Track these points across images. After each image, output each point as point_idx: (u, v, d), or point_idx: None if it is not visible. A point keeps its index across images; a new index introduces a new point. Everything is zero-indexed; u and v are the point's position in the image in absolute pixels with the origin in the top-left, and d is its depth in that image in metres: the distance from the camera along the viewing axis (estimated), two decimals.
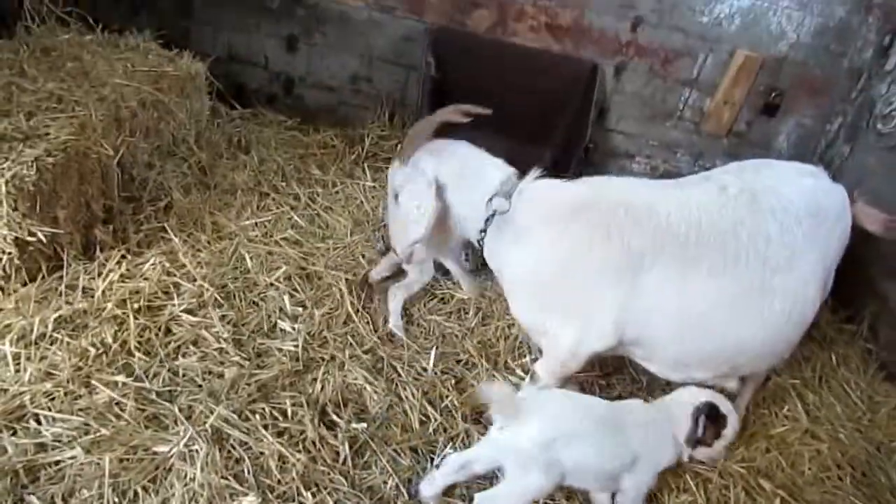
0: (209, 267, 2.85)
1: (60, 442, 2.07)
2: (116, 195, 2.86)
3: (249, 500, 2.03)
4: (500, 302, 3.14)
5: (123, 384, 2.27)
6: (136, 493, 1.99)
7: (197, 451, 2.10)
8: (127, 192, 2.96)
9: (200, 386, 2.36)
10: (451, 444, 2.43)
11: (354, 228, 3.36)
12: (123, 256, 2.75)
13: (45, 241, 2.46)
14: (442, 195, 2.46)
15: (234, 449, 2.17)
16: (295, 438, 2.28)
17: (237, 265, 2.92)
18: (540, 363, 2.50)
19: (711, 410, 2.28)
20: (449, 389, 2.64)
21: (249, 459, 2.15)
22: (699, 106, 4.17)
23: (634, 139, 4.33)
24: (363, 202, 3.59)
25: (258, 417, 2.29)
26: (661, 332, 2.34)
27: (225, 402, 2.30)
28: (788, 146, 4.22)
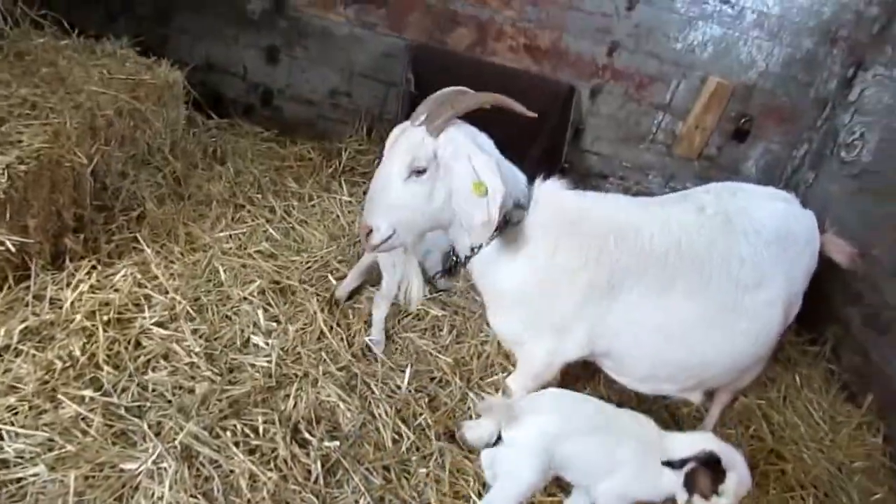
0: (182, 279, 2.81)
1: (23, 458, 2.01)
2: (88, 204, 2.81)
3: None
4: (474, 320, 3.16)
5: (91, 399, 2.22)
6: None
7: (165, 468, 2.06)
8: (99, 200, 2.91)
9: (170, 401, 2.32)
10: (423, 462, 2.42)
11: (330, 242, 3.34)
12: (94, 267, 2.70)
13: (13, 249, 2.40)
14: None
15: (203, 467, 2.14)
16: (266, 456, 2.25)
17: (210, 278, 2.89)
18: (513, 377, 2.53)
19: (710, 460, 2.16)
20: (422, 407, 2.64)
21: (219, 478, 2.11)
22: (671, 129, 4.26)
23: (608, 160, 4.40)
24: (339, 216, 3.58)
25: (229, 434, 2.25)
26: (632, 346, 2.40)
27: (195, 418, 2.26)
28: (756, 171, 4.33)
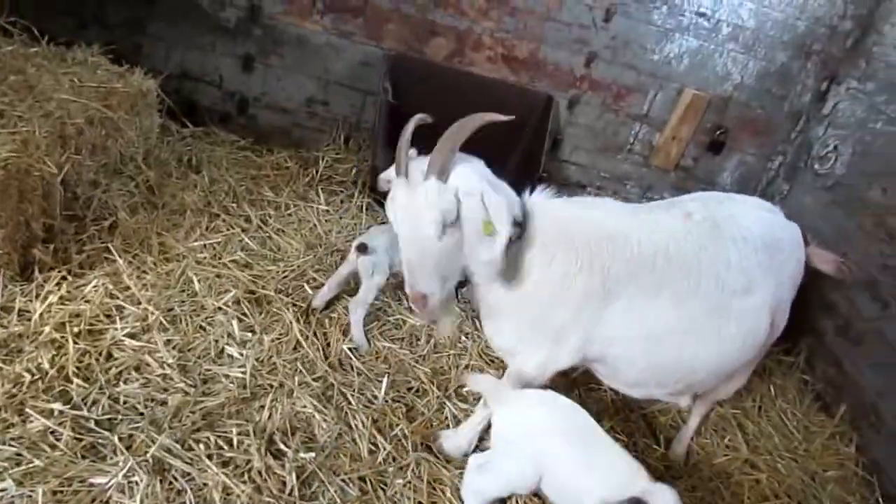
0: (155, 289, 2.76)
1: None
2: (58, 214, 2.75)
3: None
4: (452, 329, 3.14)
5: (60, 412, 2.17)
6: None
7: (137, 482, 2.02)
8: (70, 210, 2.85)
9: (142, 414, 2.28)
10: (400, 473, 2.40)
11: (306, 252, 3.32)
12: (64, 278, 2.64)
13: None
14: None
15: (176, 480, 2.10)
16: (240, 468, 2.21)
17: (184, 288, 2.84)
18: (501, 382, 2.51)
19: None
20: (399, 418, 2.62)
21: (192, 491, 2.08)
22: (648, 140, 4.30)
23: (586, 170, 4.43)
24: (316, 225, 3.55)
25: (202, 447, 2.21)
26: (624, 352, 2.42)
27: (168, 430, 2.22)
28: (732, 182, 4.38)
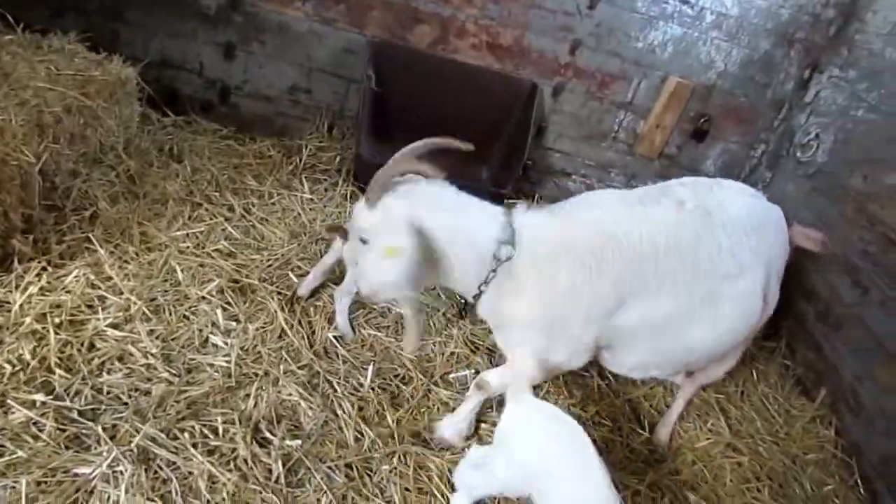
0: (137, 279, 2.74)
1: None
2: (37, 204, 2.70)
3: None
4: (437, 317, 3.15)
5: (42, 403, 2.15)
6: None
7: (121, 472, 2.01)
8: (49, 200, 2.80)
9: (126, 404, 2.27)
10: (387, 460, 2.41)
11: (291, 240, 3.30)
12: (44, 268, 2.60)
13: None
14: (434, 244, 2.32)
15: (161, 469, 2.09)
16: (226, 457, 2.21)
17: (167, 277, 2.82)
18: (495, 373, 2.55)
19: None
20: (385, 405, 2.62)
21: (178, 479, 2.07)
22: (633, 128, 4.31)
23: (571, 158, 4.44)
24: (300, 213, 3.53)
25: (187, 436, 2.21)
26: (628, 341, 2.52)
27: (152, 420, 2.21)
28: (715, 170, 4.41)
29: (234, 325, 2.71)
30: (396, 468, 2.39)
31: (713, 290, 2.48)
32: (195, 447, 2.18)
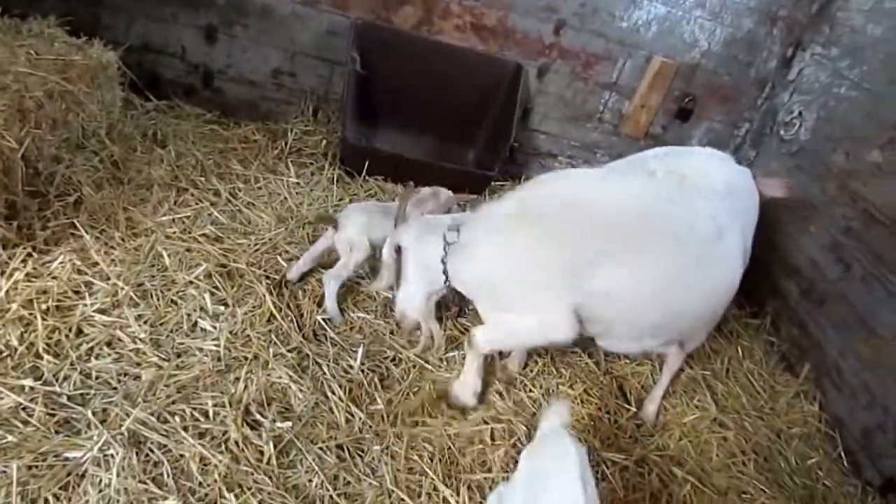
0: (124, 265, 2.72)
1: None
2: (20, 190, 2.67)
3: (169, 503, 1.97)
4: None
5: (31, 388, 2.15)
6: (46, 500, 1.90)
7: (112, 455, 2.02)
8: (32, 186, 2.77)
9: (115, 388, 2.27)
10: (377, 440, 2.43)
11: (278, 224, 3.29)
12: (29, 254, 2.58)
13: None
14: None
15: (152, 452, 2.10)
16: (217, 439, 2.22)
17: (154, 263, 2.81)
18: (483, 330, 2.60)
19: None
20: (375, 387, 2.64)
21: (169, 462, 2.08)
22: (618, 109, 4.33)
23: (556, 139, 4.44)
24: (287, 198, 3.52)
25: (178, 419, 2.22)
26: (615, 313, 2.51)
27: (142, 404, 2.22)
28: None
29: (222, 309, 2.71)
30: (388, 448, 2.42)
31: (697, 253, 2.48)
32: (186, 430, 2.19)
